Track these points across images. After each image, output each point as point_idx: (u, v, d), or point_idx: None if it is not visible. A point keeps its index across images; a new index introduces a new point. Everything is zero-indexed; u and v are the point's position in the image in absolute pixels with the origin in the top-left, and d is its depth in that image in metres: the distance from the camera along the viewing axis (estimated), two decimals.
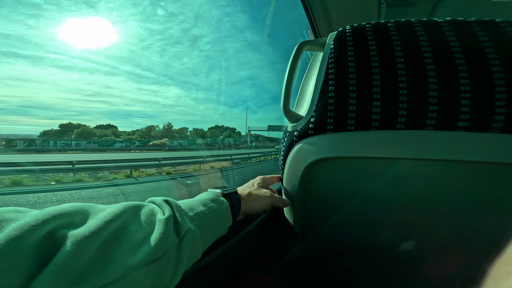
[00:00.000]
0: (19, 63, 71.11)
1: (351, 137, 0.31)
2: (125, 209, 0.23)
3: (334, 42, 0.33)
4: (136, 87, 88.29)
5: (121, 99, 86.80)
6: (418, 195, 0.34)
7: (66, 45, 62.95)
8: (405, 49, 0.29)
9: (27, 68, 71.45)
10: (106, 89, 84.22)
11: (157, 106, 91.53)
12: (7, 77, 66.94)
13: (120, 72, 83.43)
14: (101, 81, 78.07)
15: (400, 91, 0.28)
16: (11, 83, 66.97)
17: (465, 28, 0.28)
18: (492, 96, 0.26)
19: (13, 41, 71.25)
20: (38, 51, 70.85)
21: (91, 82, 73.21)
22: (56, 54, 66.33)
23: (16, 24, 75.41)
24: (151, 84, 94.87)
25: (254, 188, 0.44)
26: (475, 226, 0.34)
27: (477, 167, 0.28)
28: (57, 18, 70.12)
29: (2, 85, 62.69)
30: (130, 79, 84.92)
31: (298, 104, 0.44)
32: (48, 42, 61.44)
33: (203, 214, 0.31)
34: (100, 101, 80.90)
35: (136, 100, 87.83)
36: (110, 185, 5.63)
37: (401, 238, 0.40)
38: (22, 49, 71.44)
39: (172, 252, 0.24)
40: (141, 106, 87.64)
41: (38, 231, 0.17)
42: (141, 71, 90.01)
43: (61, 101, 71.64)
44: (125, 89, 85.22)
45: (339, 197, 0.39)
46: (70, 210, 0.20)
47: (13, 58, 70.26)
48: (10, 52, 70.73)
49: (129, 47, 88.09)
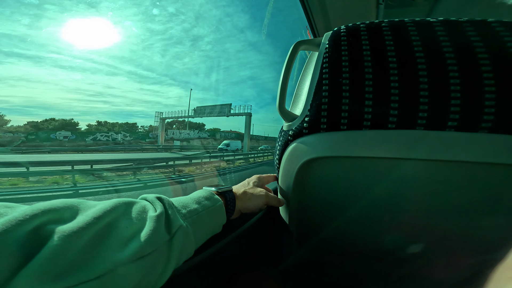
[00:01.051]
0: (21, 63, 71.40)
1: (344, 137, 0.31)
2: (116, 206, 0.23)
3: (328, 41, 0.34)
4: (138, 87, 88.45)
5: (123, 99, 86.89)
6: (411, 194, 0.34)
7: (68, 45, 63.25)
8: (397, 49, 0.29)
9: (29, 68, 71.74)
10: (108, 89, 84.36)
11: (158, 106, 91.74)
12: (10, 77, 67.28)
13: (122, 72, 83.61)
14: (103, 81, 78.29)
15: (392, 91, 0.29)
16: (14, 83, 67.27)
17: (456, 28, 0.28)
18: (481, 96, 0.26)
19: (15, 41, 71.55)
20: (40, 51, 71.15)
21: (93, 82, 73.49)
22: (58, 54, 66.58)
23: (18, 24, 75.76)
24: (153, 84, 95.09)
25: (249, 187, 0.44)
26: (466, 226, 0.34)
27: (467, 167, 0.29)
28: (59, 18, 70.46)
29: (6, 85, 63.07)
30: (132, 79, 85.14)
31: (294, 104, 0.44)
32: (50, 42, 61.79)
33: (196, 211, 0.31)
34: (102, 101, 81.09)
35: (138, 100, 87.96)
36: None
37: (395, 237, 0.40)
38: (24, 49, 71.74)
39: (163, 249, 0.24)
40: (143, 106, 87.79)
41: (25, 226, 0.17)
42: (142, 71, 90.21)
43: (64, 101, 71.81)
44: (126, 89, 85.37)
45: (333, 196, 0.39)
46: (60, 206, 0.20)
47: (15, 58, 70.56)
48: (12, 52, 71.04)
49: (131, 47, 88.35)
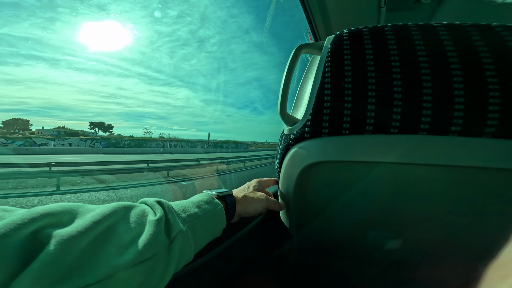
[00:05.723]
0: (39, 66, 73.08)
1: (346, 141, 0.31)
2: (115, 210, 0.23)
3: (331, 45, 0.33)
4: (148, 89, 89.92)
5: (135, 100, 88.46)
6: (413, 199, 0.33)
7: (82, 48, 64.93)
8: (401, 53, 0.29)
9: (46, 71, 73.57)
10: (120, 90, 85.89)
11: (168, 107, 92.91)
12: (29, 79, 68.85)
13: (133, 74, 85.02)
14: (115, 83, 79.94)
15: (395, 95, 0.28)
16: (33, 84, 68.87)
17: (461, 32, 0.28)
18: (485, 100, 0.26)
19: (32, 44, 73.34)
20: (56, 53, 72.96)
21: (106, 84, 75.13)
22: (72, 56, 68.39)
23: (34, 27, 77.38)
24: (162, 86, 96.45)
25: (249, 191, 0.44)
26: (469, 230, 0.33)
27: (470, 172, 0.28)
28: (72, 21, 72.11)
29: (25, 87, 64.58)
30: (143, 81, 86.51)
31: (295, 108, 0.44)
32: (65, 44, 63.32)
33: (196, 216, 0.31)
34: (115, 103, 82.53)
35: (149, 101, 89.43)
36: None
37: (397, 242, 0.39)
38: (41, 52, 73.55)
39: (162, 253, 0.24)
40: (154, 107, 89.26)
41: (23, 230, 0.17)
42: (152, 73, 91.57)
43: (79, 102, 73.51)
44: (138, 91, 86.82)
45: (334, 201, 0.38)
46: (58, 210, 0.20)
47: (33, 61, 72.38)
48: (30, 54, 73.00)
49: (140, 49, 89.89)
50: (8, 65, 70.75)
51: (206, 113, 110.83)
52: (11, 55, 70.13)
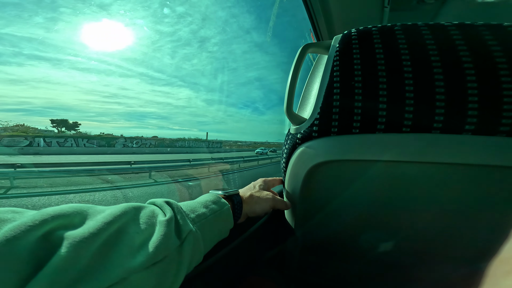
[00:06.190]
0: (42, 66, 73.17)
1: (356, 140, 0.31)
2: (126, 211, 0.23)
3: (339, 44, 0.33)
4: (150, 89, 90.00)
5: (136, 100, 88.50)
6: (424, 199, 0.33)
7: (83, 47, 65.00)
8: (411, 52, 0.29)
9: (49, 70, 73.59)
10: (122, 90, 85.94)
11: (169, 107, 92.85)
12: (32, 79, 68.89)
13: (135, 73, 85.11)
14: (117, 82, 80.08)
15: (407, 94, 0.28)
16: (36, 84, 68.91)
17: (472, 31, 0.28)
18: (500, 99, 0.26)
19: (35, 44, 73.51)
20: (58, 53, 73.13)
21: (108, 83, 75.16)
22: (75, 56, 68.60)
23: (36, 28, 77.48)
24: (164, 86, 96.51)
25: (255, 190, 0.44)
26: (482, 229, 0.33)
27: (483, 170, 0.28)
28: (74, 21, 72.27)
29: (28, 87, 64.64)
30: (144, 81, 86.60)
31: (301, 107, 0.44)
32: (67, 45, 63.42)
33: (204, 216, 0.30)
34: (116, 103, 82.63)
35: (150, 101, 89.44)
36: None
37: (407, 243, 0.39)
38: (43, 52, 73.68)
39: (174, 255, 0.24)
40: (155, 107, 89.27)
41: (34, 232, 0.16)
42: (153, 73, 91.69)
43: (82, 102, 73.55)
44: (139, 91, 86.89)
45: (342, 200, 0.38)
46: (69, 211, 0.19)
47: (36, 61, 72.52)
48: (32, 54, 73.10)
49: (142, 49, 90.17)
50: (11, 65, 70.85)
51: (208, 113, 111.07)
52: (14, 55, 70.25)
